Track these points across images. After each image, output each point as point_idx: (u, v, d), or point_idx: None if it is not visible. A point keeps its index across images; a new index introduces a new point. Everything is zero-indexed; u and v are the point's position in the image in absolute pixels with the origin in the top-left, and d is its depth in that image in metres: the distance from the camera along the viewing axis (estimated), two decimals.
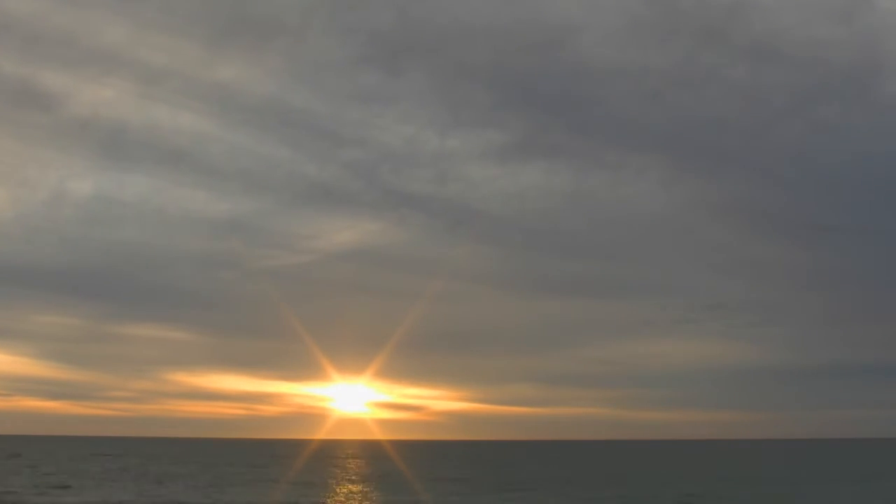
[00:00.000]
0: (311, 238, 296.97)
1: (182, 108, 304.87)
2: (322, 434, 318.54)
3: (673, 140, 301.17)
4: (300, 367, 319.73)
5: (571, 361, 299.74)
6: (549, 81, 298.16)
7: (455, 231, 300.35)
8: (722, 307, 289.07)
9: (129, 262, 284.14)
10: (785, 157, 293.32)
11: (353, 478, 77.53)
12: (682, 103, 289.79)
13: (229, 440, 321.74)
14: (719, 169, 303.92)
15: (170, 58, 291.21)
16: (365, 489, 64.24)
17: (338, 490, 62.83)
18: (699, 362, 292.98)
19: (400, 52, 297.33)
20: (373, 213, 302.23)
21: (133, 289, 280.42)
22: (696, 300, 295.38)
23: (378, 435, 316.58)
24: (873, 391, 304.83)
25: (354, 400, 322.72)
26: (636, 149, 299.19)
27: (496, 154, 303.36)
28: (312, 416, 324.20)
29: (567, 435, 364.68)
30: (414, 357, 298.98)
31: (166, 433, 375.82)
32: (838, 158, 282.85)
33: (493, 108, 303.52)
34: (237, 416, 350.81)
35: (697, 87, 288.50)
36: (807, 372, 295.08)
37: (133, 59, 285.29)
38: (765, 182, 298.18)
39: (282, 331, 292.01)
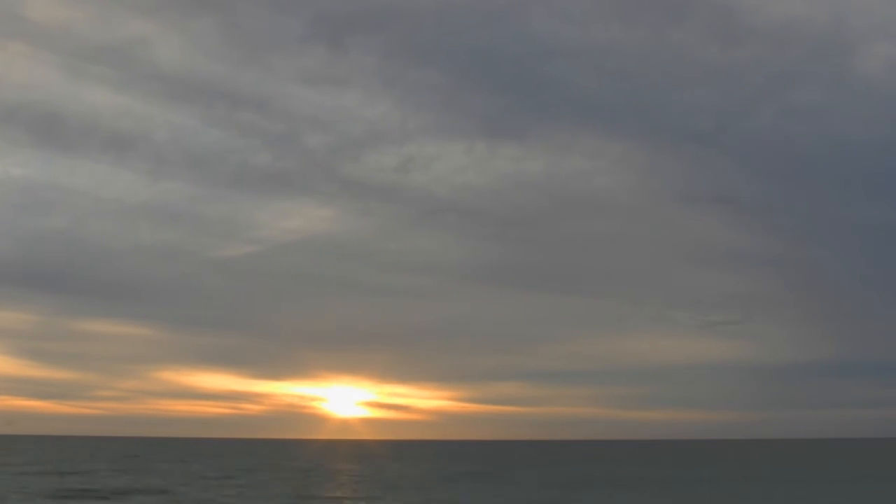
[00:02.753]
0: (268, 228, 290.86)
1: (121, 88, 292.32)
2: (304, 434, 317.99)
3: (641, 124, 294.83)
4: (273, 364, 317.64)
5: (552, 359, 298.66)
6: (506, 60, 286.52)
7: (423, 222, 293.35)
8: (700, 303, 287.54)
9: (75, 253, 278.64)
10: (763, 143, 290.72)
11: None
12: (650, 85, 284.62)
13: (206, 439, 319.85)
14: (694, 156, 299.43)
15: (103, 34, 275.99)
16: None
17: None
18: (678, 360, 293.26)
19: (344, 31, 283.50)
20: (331, 201, 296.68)
21: (84, 281, 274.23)
22: (674, 295, 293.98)
23: (364, 435, 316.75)
24: (858, 390, 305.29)
25: (339, 399, 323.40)
26: (606, 134, 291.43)
27: (461, 140, 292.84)
28: (295, 416, 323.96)
29: (554, 435, 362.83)
30: (394, 354, 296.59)
31: (146, 432, 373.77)
32: (819, 144, 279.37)
33: (451, 89, 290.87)
34: (217, 414, 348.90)
35: (665, 68, 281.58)
36: (790, 370, 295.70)
37: (64, 34, 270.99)
38: (742, 170, 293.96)
39: (251, 326, 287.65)
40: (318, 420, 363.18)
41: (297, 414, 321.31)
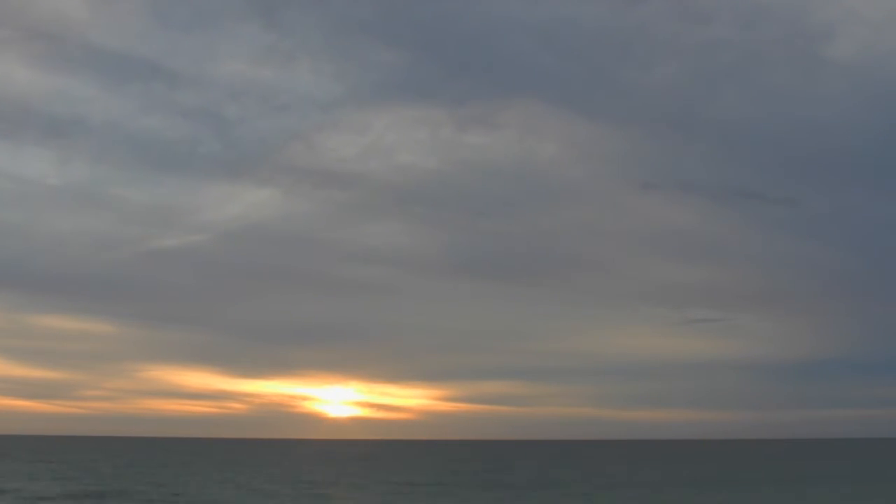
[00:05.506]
0: (218, 216, 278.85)
1: (53, 70, 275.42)
2: (290, 434, 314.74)
3: (607, 107, 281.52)
4: (254, 362, 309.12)
5: (534, 356, 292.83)
6: (457, 37, 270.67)
7: (386, 211, 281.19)
8: (680, 299, 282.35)
9: (17, 245, 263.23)
10: (740, 129, 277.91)
11: None
12: (612, 65, 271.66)
13: (181, 438, 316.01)
14: (664, 142, 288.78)
15: (29, 11, 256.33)
16: None
17: None
18: (659, 358, 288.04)
19: (285, 5, 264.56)
20: (291, 189, 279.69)
21: (32, 274, 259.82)
22: (654, 291, 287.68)
23: (351, 434, 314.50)
24: (849, 389, 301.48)
25: (326, 398, 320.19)
26: (574, 117, 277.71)
27: (424, 123, 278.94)
28: (280, 416, 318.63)
29: (540, 435, 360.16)
30: (376, 351, 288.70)
31: (129, 432, 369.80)
32: (798, 129, 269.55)
33: (404, 68, 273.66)
34: (199, 413, 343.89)
35: (625, 46, 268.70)
36: (776, 370, 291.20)
37: None
38: (720, 158, 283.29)
39: (221, 321, 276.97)
40: (304, 419, 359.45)
41: (281, 413, 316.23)
